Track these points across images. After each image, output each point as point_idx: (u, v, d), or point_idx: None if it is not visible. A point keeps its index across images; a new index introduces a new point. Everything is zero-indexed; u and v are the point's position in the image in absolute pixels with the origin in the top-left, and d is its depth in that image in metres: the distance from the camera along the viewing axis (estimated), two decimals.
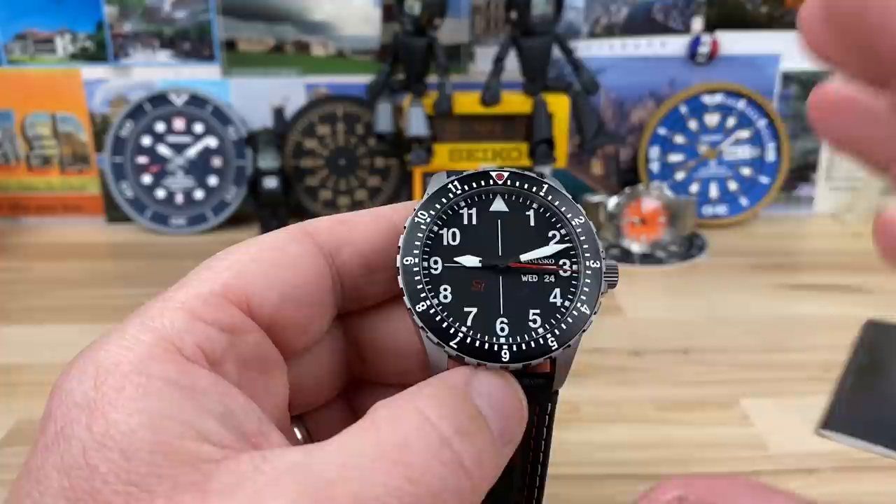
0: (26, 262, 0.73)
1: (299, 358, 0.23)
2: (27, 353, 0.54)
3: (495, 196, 0.22)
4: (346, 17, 0.79)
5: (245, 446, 0.17)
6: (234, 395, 0.18)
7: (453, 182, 0.22)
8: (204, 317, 0.19)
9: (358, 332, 0.24)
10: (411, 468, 0.16)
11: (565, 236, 0.22)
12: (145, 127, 0.80)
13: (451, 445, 0.17)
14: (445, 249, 0.21)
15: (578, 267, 0.22)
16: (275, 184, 0.76)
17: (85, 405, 0.17)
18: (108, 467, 0.15)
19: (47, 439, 0.16)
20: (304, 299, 0.21)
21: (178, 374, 0.17)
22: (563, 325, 0.21)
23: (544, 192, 0.22)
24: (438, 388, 0.19)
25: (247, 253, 0.21)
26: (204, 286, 0.20)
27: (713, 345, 0.54)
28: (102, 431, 0.16)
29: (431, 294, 0.21)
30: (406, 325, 0.23)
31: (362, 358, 0.25)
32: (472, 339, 0.20)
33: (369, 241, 0.22)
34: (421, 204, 0.22)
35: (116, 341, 0.18)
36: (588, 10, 0.79)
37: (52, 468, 0.16)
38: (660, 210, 0.73)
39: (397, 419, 0.17)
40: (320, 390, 0.24)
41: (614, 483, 0.40)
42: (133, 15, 0.78)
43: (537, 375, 0.21)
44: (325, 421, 0.25)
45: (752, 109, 0.80)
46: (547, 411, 0.22)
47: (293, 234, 0.22)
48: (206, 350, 0.19)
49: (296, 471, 0.16)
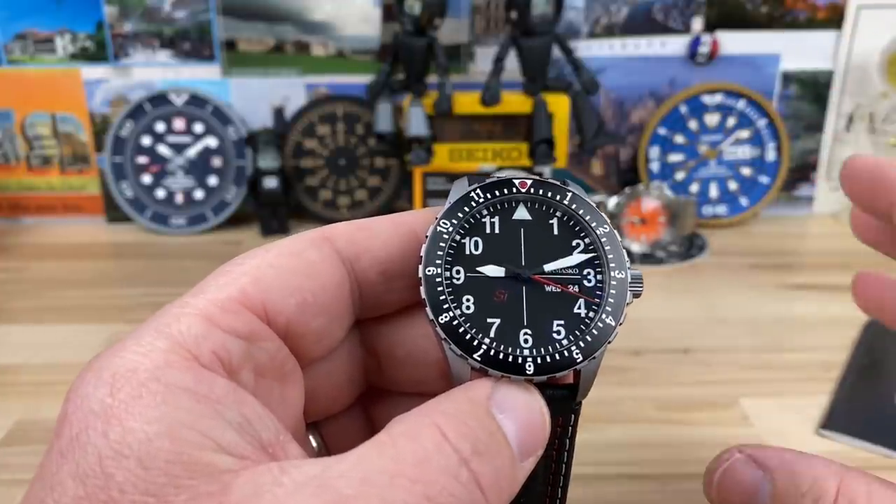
0: (26, 262, 0.73)
1: (316, 365, 0.22)
2: (27, 353, 0.54)
3: (518, 204, 0.22)
4: (346, 17, 0.79)
5: (263, 457, 0.17)
6: (251, 403, 0.18)
7: (476, 190, 0.22)
8: (221, 324, 0.19)
9: (375, 340, 0.24)
10: (429, 487, 0.16)
11: (589, 245, 0.22)
12: (145, 127, 0.80)
13: (468, 465, 0.17)
14: (468, 259, 0.21)
15: (603, 277, 0.21)
16: (275, 184, 0.76)
17: (101, 412, 0.16)
18: (125, 476, 0.15)
19: (62, 445, 0.16)
20: (321, 307, 0.21)
21: (195, 382, 0.17)
22: (587, 337, 0.20)
23: (568, 200, 0.22)
24: (457, 403, 0.18)
25: (265, 258, 0.21)
26: (221, 292, 0.19)
27: (713, 345, 0.54)
28: (119, 439, 0.16)
29: (454, 305, 0.20)
30: (424, 334, 0.23)
31: (379, 366, 0.24)
32: (496, 350, 0.20)
33: (389, 249, 0.22)
34: (443, 213, 0.21)
35: (132, 347, 0.18)
36: (588, 10, 0.79)
37: (68, 475, 0.16)
38: (660, 210, 0.73)
39: (416, 435, 0.17)
40: (336, 398, 0.24)
41: (614, 483, 0.40)
42: (133, 15, 0.78)
43: (561, 387, 0.21)
44: (340, 429, 0.25)
45: (752, 109, 0.80)
46: (570, 423, 0.22)
47: (312, 240, 0.21)
48: (223, 358, 0.18)
49: (315, 484, 0.16)
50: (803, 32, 0.79)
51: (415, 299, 0.21)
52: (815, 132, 0.83)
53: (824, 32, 0.79)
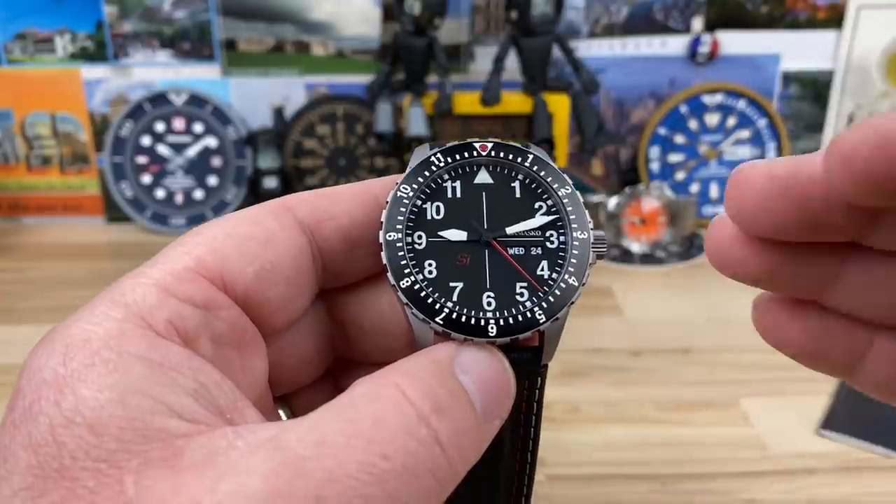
0: (26, 262, 0.73)
1: (280, 336, 0.22)
2: (27, 354, 0.54)
3: (479, 168, 0.22)
4: (346, 17, 0.79)
5: (219, 422, 0.17)
6: (208, 370, 0.18)
7: (436, 154, 0.22)
8: (176, 293, 0.19)
9: (342, 310, 0.24)
10: (386, 445, 0.16)
11: (552, 207, 0.22)
12: (145, 127, 0.80)
13: (428, 422, 0.17)
14: (429, 224, 0.21)
15: (566, 238, 0.21)
16: (275, 184, 0.76)
17: (54, 382, 0.16)
18: (77, 443, 0.15)
19: (15, 417, 0.16)
20: (281, 275, 0.21)
21: (149, 349, 0.17)
22: (550, 298, 0.20)
23: (529, 162, 0.22)
24: (419, 364, 0.18)
25: (222, 228, 0.20)
26: (178, 262, 0.19)
27: (713, 345, 0.54)
28: (71, 408, 0.16)
29: (416, 270, 0.20)
30: (391, 303, 0.23)
31: (347, 336, 0.24)
32: (458, 314, 0.20)
33: (350, 216, 0.22)
34: (403, 178, 0.21)
35: (87, 318, 0.18)
36: (588, 10, 0.79)
37: (20, 446, 0.16)
38: (660, 210, 0.73)
39: (375, 396, 0.17)
40: (304, 369, 0.24)
41: (614, 483, 0.40)
42: (133, 15, 0.78)
43: (525, 349, 0.21)
44: (310, 401, 0.24)
45: (752, 109, 0.80)
46: (536, 386, 0.22)
47: (271, 209, 0.21)
48: (179, 326, 0.18)
49: (270, 446, 0.15)
50: (803, 32, 0.79)
51: (379, 267, 0.21)
52: (815, 132, 0.83)
53: (824, 32, 0.79)
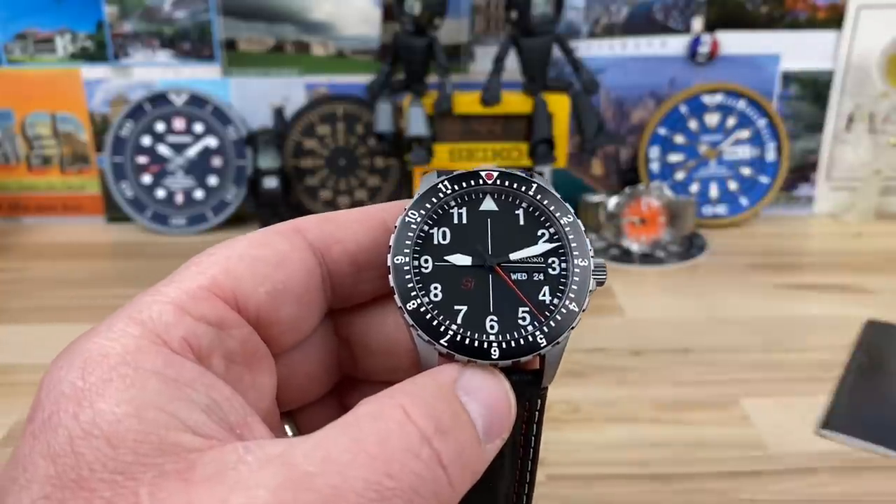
0: (26, 262, 0.73)
1: (289, 354, 0.23)
2: (27, 353, 0.54)
3: (485, 195, 0.23)
4: (346, 17, 0.79)
5: (230, 437, 0.17)
6: (220, 387, 0.19)
7: (443, 182, 0.22)
8: (191, 311, 0.19)
9: (348, 329, 0.24)
10: (390, 464, 0.16)
11: (554, 235, 0.22)
12: (145, 127, 0.80)
13: (430, 443, 0.17)
14: (436, 248, 0.22)
15: (567, 265, 0.22)
16: (275, 184, 0.76)
17: (72, 395, 0.17)
18: (95, 455, 0.16)
19: (34, 428, 0.17)
20: (292, 296, 0.21)
21: (165, 366, 0.18)
22: (552, 323, 0.21)
23: (533, 191, 0.23)
24: (423, 385, 0.19)
25: (235, 249, 0.21)
26: (192, 281, 0.20)
27: (713, 345, 0.54)
28: (89, 420, 0.16)
29: (422, 292, 0.21)
30: (396, 323, 0.23)
31: (353, 356, 0.25)
32: (462, 336, 0.20)
33: (359, 240, 0.23)
34: (411, 203, 0.22)
35: (105, 333, 0.18)
36: (588, 10, 0.79)
37: (39, 455, 0.16)
38: (660, 210, 0.73)
39: (379, 415, 0.17)
40: (311, 387, 0.24)
41: (614, 483, 0.40)
42: (133, 15, 0.78)
43: (527, 372, 0.22)
44: (316, 418, 0.25)
45: (752, 109, 0.80)
46: (536, 408, 0.22)
47: (282, 231, 0.22)
48: (193, 344, 0.19)
49: (278, 462, 0.16)
50: (803, 32, 0.79)
51: (386, 289, 0.21)
52: (815, 132, 0.83)
53: (824, 32, 0.79)
